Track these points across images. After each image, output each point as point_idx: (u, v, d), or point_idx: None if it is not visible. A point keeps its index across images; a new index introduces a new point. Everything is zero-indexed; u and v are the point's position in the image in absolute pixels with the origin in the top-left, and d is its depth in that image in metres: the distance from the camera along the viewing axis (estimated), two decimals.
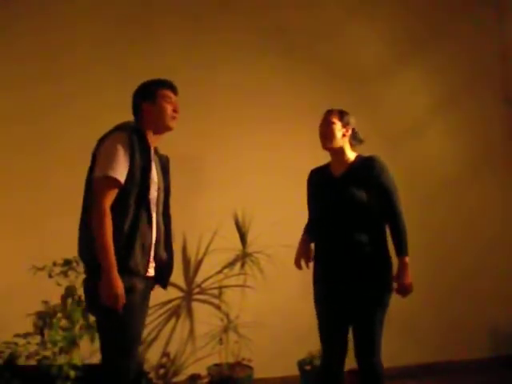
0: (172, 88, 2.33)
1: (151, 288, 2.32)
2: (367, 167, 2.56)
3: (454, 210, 4.30)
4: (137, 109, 2.31)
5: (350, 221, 2.54)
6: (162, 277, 2.32)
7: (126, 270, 2.06)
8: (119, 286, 2.01)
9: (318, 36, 4.17)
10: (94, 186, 2.10)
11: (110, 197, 2.08)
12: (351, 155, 2.66)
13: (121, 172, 2.09)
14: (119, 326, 2.09)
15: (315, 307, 2.67)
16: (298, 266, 2.75)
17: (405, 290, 2.53)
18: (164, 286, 2.36)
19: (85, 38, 3.73)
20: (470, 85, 4.44)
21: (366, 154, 2.69)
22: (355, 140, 2.69)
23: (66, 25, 3.71)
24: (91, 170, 2.20)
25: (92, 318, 3.06)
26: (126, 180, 2.11)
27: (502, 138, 4.49)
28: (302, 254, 2.73)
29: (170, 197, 2.36)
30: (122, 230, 2.08)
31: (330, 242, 2.61)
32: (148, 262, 2.20)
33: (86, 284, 2.18)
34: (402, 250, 2.53)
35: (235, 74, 3.95)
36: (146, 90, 2.31)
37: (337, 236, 2.57)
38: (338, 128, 2.63)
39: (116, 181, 2.09)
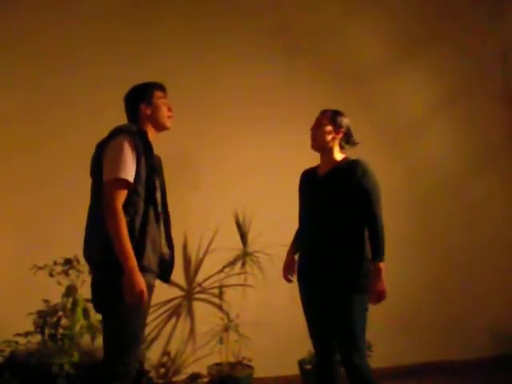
0: (163, 89, 2.43)
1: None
2: (350, 169, 2.54)
3: (454, 210, 4.30)
4: (133, 111, 2.37)
5: (327, 220, 2.54)
6: (165, 272, 2.38)
7: (139, 268, 2.10)
8: (143, 282, 2.08)
9: (318, 36, 4.17)
10: (105, 188, 2.15)
11: (122, 198, 2.14)
12: (338, 156, 2.64)
13: (130, 173, 2.15)
14: (129, 325, 2.15)
15: (301, 305, 2.69)
16: (287, 279, 2.81)
17: (376, 297, 2.46)
18: (167, 280, 2.42)
19: (85, 39, 3.72)
20: (470, 85, 4.44)
21: (367, 153, 2.69)
22: (348, 143, 2.66)
23: (65, 26, 3.71)
24: (95, 173, 2.25)
25: (93, 317, 3.07)
26: (134, 181, 2.17)
27: (503, 137, 4.49)
28: (287, 268, 2.80)
29: (166, 195, 2.42)
30: (133, 230, 2.14)
31: (309, 242, 2.63)
32: (158, 259, 2.27)
33: (97, 283, 2.23)
34: (376, 255, 2.47)
35: (234, 74, 3.95)
36: (141, 91, 2.39)
37: (315, 235, 2.58)
38: (328, 131, 2.62)
39: (126, 182, 2.15)
